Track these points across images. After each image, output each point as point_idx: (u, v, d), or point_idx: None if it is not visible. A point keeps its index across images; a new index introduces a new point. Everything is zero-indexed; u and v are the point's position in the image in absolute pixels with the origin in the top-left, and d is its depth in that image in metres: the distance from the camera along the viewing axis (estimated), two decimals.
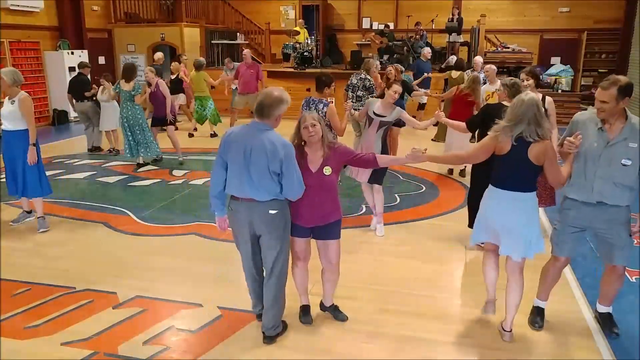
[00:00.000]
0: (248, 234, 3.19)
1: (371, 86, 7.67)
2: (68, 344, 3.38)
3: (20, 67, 11.48)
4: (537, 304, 3.68)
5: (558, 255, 3.49)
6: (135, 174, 7.73)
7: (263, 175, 3.02)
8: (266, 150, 2.98)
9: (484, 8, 14.26)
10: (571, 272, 4.45)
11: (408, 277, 4.34)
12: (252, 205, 3.09)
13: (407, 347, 3.36)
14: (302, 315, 3.66)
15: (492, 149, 3.23)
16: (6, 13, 11.19)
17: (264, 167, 3.00)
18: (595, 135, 3.21)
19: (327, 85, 5.15)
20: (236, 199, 3.15)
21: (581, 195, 3.28)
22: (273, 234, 3.16)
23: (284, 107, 3.08)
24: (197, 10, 15.41)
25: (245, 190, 3.07)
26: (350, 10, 16.35)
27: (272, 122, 3.09)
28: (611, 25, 13.96)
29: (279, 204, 3.12)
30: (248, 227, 3.16)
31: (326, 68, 13.25)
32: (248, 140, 3.03)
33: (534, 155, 3.08)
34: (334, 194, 3.38)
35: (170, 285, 4.21)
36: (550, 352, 3.33)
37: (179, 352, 3.31)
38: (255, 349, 3.34)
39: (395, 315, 3.73)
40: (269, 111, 3.05)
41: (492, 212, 3.29)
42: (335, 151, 3.36)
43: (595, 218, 3.29)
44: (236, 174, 3.07)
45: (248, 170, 3.03)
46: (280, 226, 3.17)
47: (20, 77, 5.25)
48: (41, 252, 4.90)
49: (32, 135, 5.21)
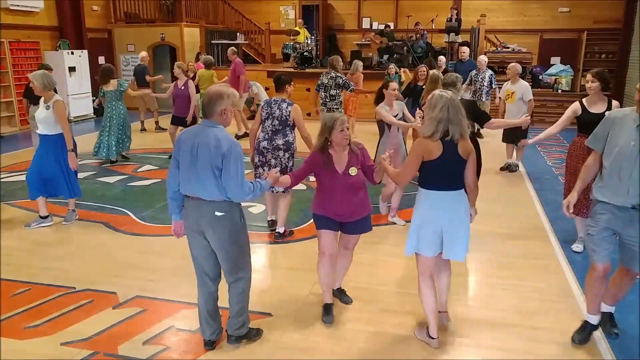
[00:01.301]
0: (198, 235, 3.12)
1: (345, 82, 7.73)
2: (68, 344, 3.37)
3: (19, 67, 11.54)
4: (588, 318, 3.37)
5: (596, 262, 3.17)
6: (135, 174, 7.72)
7: (207, 171, 2.97)
8: (210, 145, 2.96)
9: (484, 8, 14.26)
10: (571, 272, 4.45)
11: (408, 277, 4.34)
12: (200, 204, 3.05)
13: (407, 347, 3.36)
14: (324, 314, 3.64)
15: (420, 160, 3.09)
16: (6, 13, 11.19)
17: (208, 163, 2.96)
18: (633, 133, 2.99)
19: (287, 83, 5.04)
20: (188, 197, 3.12)
21: (615, 198, 3.05)
22: (220, 237, 3.06)
23: (224, 102, 3.01)
24: (197, 10, 15.41)
25: (193, 188, 3.05)
26: (350, 10, 16.35)
27: (218, 118, 3.04)
28: (611, 25, 13.95)
29: (227, 206, 3.04)
30: (197, 227, 3.10)
31: (326, 68, 13.24)
32: (196, 138, 3.03)
33: (462, 150, 3.09)
34: (362, 192, 3.51)
35: (170, 285, 4.21)
36: (550, 352, 3.33)
37: (179, 352, 3.31)
38: (255, 349, 3.34)
39: (395, 315, 3.73)
40: (210, 108, 3.03)
41: (436, 217, 3.14)
42: (361, 152, 3.51)
43: (629, 224, 3.03)
44: (185, 172, 3.05)
45: (195, 167, 3.00)
46: (226, 229, 3.06)
47: (51, 80, 5.15)
48: (41, 252, 4.90)
49: (68, 141, 5.21)
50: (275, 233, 5.24)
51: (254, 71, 13.45)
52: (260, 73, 13.08)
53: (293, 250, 4.92)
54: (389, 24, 15.14)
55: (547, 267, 4.55)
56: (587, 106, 4.61)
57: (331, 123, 3.37)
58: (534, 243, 5.13)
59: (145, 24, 14.73)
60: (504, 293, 4.07)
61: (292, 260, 4.70)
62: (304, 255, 4.77)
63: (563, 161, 8.36)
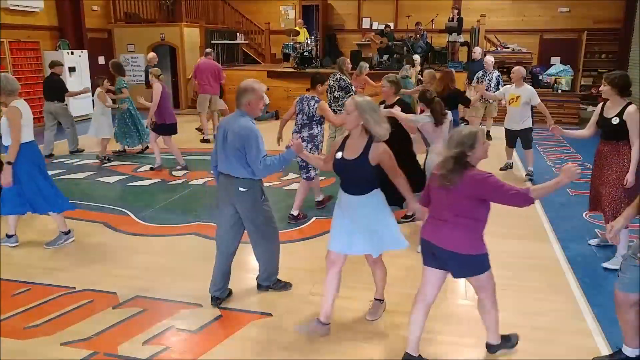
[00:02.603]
0: (229, 204, 3.71)
1: (347, 86, 7.71)
2: (68, 344, 3.38)
3: (20, 67, 11.54)
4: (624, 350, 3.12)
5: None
6: (135, 174, 7.73)
7: (233, 152, 3.56)
8: (235, 131, 3.56)
9: (484, 8, 14.26)
10: (571, 272, 4.45)
11: (408, 277, 4.34)
12: (230, 179, 3.65)
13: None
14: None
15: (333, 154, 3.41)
16: (6, 13, 11.18)
17: (234, 146, 3.55)
18: None
19: (319, 82, 5.59)
20: (221, 173, 3.74)
21: None
22: (245, 209, 3.69)
23: (249, 94, 3.55)
24: (197, 10, 15.40)
25: (224, 166, 3.67)
26: (350, 10, 16.35)
27: (245, 108, 3.59)
28: (611, 25, 13.96)
29: (249, 183, 3.61)
30: (228, 199, 3.70)
31: (326, 68, 13.24)
32: (227, 124, 3.65)
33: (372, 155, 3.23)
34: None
35: (170, 285, 4.21)
36: (551, 352, 3.33)
37: (179, 352, 3.31)
38: (255, 349, 3.34)
39: (395, 315, 3.73)
40: (238, 100, 3.61)
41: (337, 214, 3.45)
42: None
43: None
44: (219, 152, 3.69)
45: (225, 148, 3.61)
46: (249, 203, 3.67)
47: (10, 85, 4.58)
48: (41, 252, 4.90)
49: (11, 153, 4.52)
50: (290, 215, 5.61)
51: (254, 71, 13.46)
52: (260, 73, 13.08)
53: (293, 250, 4.92)
54: (389, 24, 15.13)
55: (547, 267, 4.55)
56: (605, 110, 4.50)
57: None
58: (534, 243, 5.13)
59: (145, 24, 14.72)
60: (503, 293, 4.05)
61: (293, 260, 4.70)
62: (304, 255, 4.77)
63: (563, 161, 8.40)
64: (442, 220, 2.92)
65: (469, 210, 2.84)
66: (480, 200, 2.82)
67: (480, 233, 2.90)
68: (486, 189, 2.78)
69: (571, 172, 2.75)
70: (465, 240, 2.86)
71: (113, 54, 14.50)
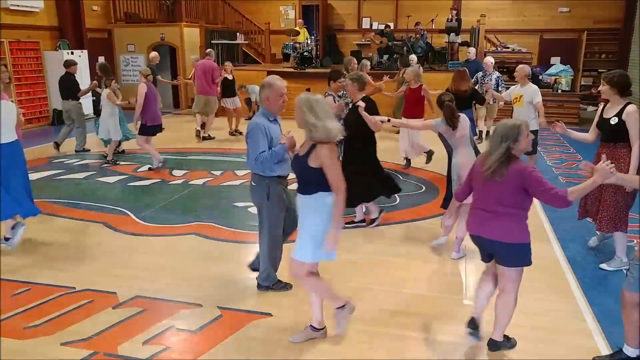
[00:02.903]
0: None
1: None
2: (68, 344, 3.38)
3: (20, 67, 11.55)
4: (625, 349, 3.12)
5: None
6: (135, 174, 7.73)
7: (248, 147, 3.71)
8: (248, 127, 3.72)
9: (484, 8, 14.26)
10: (571, 272, 4.45)
11: (408, 277, 4.34)
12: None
13: (408, 347, 3.36)
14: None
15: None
16: (6, 13, 11.18)
17: (246, 141, 3.72)
18: None
19: (332, 79, 5.77)
20: None
21: None
22: (254, 201, 3.88)
23: (266, 90, 3.65)
24: (197, 10, 15.40)
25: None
26: (350, 10, 16.35)
27: (264, 103, 3.71)
28: (611, 25, 13.96)
29: (257, 179, 3.75)
30: None
31: (326, 68, 13.24)
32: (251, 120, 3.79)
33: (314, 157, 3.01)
34: None
35: (170, 285, 4.21)
36: (551, 352, 3.33)
37: (179, 352, 3.32)
38: (255, 349, 3.34)
39: (395, 315, 3.73)
40: (259, 96, 3.80)
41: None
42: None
43: None
44: None
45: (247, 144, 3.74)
46: (256, 197, 3.82)
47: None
48: (41, 252, 4.90)
49: None
50: None
51: (254, 71, 13.46)
52: (260, 73, 13.07)
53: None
54: (389, 24, 15.14)
55: (547, 267, 4.55)
56: (605, 111, 4.40)
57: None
58: (534, 243, 5.06)
59: (145, 24, 14.72)
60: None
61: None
62: None
63: (563, 161, 8.40)
64: (491, 212, 3.02)
65: (518, 201, 2.98)
66: (527, 191, 2.94)
67: (526, 221, 3.08)
68: (531, 182, 2.89)
69: (605, 172, 2.81)
70: (515, 230, 3.04)
71: (113, 54, 14.52)
